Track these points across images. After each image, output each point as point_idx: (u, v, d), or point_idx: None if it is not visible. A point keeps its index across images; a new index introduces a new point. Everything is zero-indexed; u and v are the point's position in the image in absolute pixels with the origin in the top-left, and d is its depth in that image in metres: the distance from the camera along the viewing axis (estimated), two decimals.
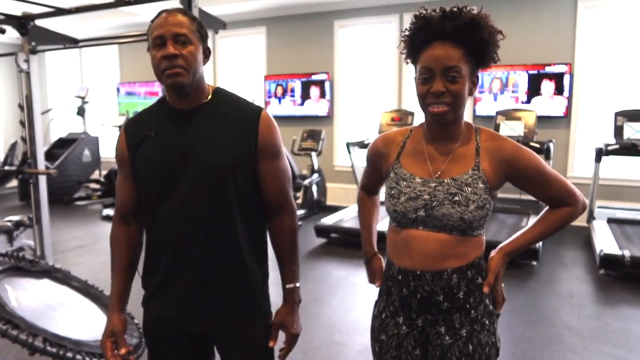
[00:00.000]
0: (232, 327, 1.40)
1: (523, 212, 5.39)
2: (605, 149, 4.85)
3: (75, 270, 2.74)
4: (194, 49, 1.29)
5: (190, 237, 1.33)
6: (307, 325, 3.23)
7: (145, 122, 1.39)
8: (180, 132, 1.34)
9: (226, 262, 1.35)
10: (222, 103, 1.38)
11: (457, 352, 1.28)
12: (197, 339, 1.43)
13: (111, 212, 6.62)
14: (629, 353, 2.81)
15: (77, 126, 8.75)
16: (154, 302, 1.43)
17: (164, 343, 1.43)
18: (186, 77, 1.28)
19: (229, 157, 1.32)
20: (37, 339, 1.71)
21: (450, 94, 1.22)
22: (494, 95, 6.18)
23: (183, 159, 1.31)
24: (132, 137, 1.39)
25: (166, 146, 1.33)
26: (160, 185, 1.34)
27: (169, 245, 1.36)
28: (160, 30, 1.28)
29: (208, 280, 1.35)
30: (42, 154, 3.78)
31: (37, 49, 3.66)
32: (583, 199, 1.34)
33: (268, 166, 1.37)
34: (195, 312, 1.38)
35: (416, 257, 1.29)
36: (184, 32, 1.28)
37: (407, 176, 1.32)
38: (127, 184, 1.43)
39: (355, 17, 6.94)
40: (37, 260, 2.39)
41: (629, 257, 3.93)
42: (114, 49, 8.95)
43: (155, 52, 1.30)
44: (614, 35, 5.72)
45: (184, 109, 1.35)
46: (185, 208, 1.32)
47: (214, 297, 1.36)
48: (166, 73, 1.28)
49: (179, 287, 1.37)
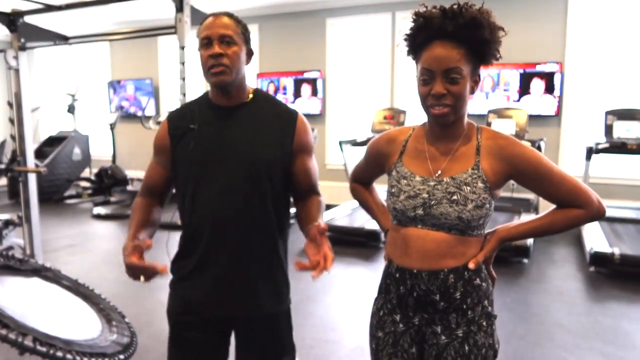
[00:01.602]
0: (259, 312, 1.48)
1: (515, 210, 5.42)
2: (596, 147, 4.89)
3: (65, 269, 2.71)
4: (238, 49, 1.41)
5: (225, 226, 1.42)
6: (300, 324, 3.23)
7: (188, 116, 1.49)
8: (222, 127, 1.45)
9: (259, 251, 1.45)
10: (262, 103, 1.50)
11: (453, 352, 1.28)
12: (220, 323, 1.52)
13: (102, 211, 6.58)
14: (618, 349, 2.84)
15: (68, 124, 8.68)
16: (185, 286, 1.51)
17: (188, 325, 1.51)
18: (229, 75, 1.39)
19: (266, 154, 1.43)
20: (27, 338, 1.69)
21: (451, 96, 1.20)
22: (486, 94, 6.21)
23: (223, 153, 1.42)
24: (175, 128, 1.49)
25: (208, 140, 1.44)
26: (200, 177, 1.43)
27: (205, 233, 1.44)
28: (207, 31, 1.39)
29: (240, 268, 1.44)
30: (31, 151, 3.74)
31: (27, 46, 3.62)
32: (599, 203, 1.26)
33: (302, 163, 1.50)
34: (226, 297, 1.46)
35: (413, 255, 1.28)
36: (229, 34, 1.39)
37: (408, 175, 1.32)
38: (159, 168, 1.54)
39: (347, 15, 6.93)
40: (26, 259, 2.36)
41: (619, 255, 3.97)
42: (105, 45, 8.88)
43: (202, 51, 1.40)
44: (604, 35, 5.75)
45: (226, 106, 1.46)
46: (222, 199, 1.42)
47: (245, 283, 1.45)
48: (211, 71, 1.38)
49: (212, 273, 1.45)
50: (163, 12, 7.17)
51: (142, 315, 3.33)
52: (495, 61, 1.28)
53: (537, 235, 1.38)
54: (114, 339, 2.03)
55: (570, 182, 1.26)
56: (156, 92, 8.50)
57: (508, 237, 1.32)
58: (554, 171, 1.26)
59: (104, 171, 7.50)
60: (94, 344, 1.91)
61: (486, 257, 1.31)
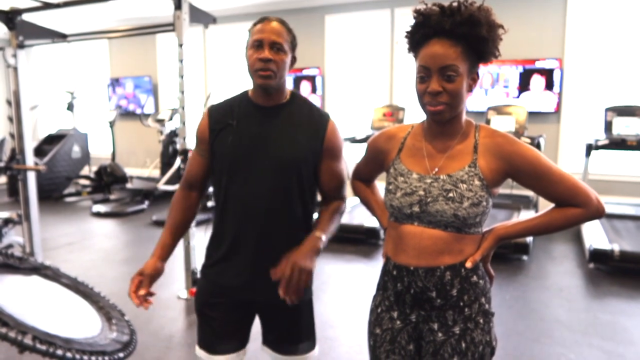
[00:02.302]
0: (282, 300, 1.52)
1: (514, 207, 5.42)
2: (595, 144, 4.89)
3: (65, 267, 2.72)
4: (285, 57, 1.50)
5: (256, 217, 1.52)
6: None
7: (228, 111, 1.58)
8: (258, 125, 1.54)
9: (285, 240, 1.53)
10: (298, 106, 1.59)
11: (450, 349, 1.28)
12: (246, 306, 1.62)
13: (101, 209, 6.58)
14: (617, 346, 2.85)
15: (67, 122, 8.67)
16: (216, 270, 1.61)
17: (215, 308, 1.61)
18: (274, 80, 1.49)
19: (297, 154, 1.52)
20: (27, 336, 1.69)
21: (447, 93, 1.21)
22: (485, 91, 6.20)
23: (257, 149, 1.52)
24: (216, 122, 1.58)
25: (244, 136, 1.54)
26: (235, 169, 1.54)
27: (234, 223, 1.55)
28: (261, 35, 1.48)
29: (266, 256, 1.52)
30: (30, 150, 3.74)
31: (25, 44, 3.61)
32: (598, 202, 1.25)
33: (329, 165, 1.60)
34: (252, 283, 1.56)
35: (410, 252, 1.29)
36: (280, 41, 1.48)
37: (405, 172, 1.32)
38: (199, 159, 1.64)
39: (346, 12, 6.92)
40: (26, 257, 2.37)
41: (618, 252, 3.97)
42: (104, 43, 8.86)
43: (252, 52, 1.49)
44: (604, 31, 5.75)
45: (265, 106, 1.55)
46: (254, 191, 1.52)
47: (269, 269, 1.49)
48: (259, 73, 1.48)
49: (240, 260, 1.56)
50: (162, 10, 7.16)
51: (142, 313, 3.33)
52: (495, 59, 1.27)
53: (535, 234, 1.37)
54: (114, 337, 2.03)
55: (569, 180, 1.25)
56: (155, 89, 8.49)
57: (505, 236, 1.31)
58: (553, 169, 1.26)
59: (103, 169, 7.49)
60: (94, 342, 1.91)
61: (483, 256, 1.30)
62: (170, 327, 3.08)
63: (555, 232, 1.31)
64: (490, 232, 1.32)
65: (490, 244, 1.30)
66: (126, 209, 6.58)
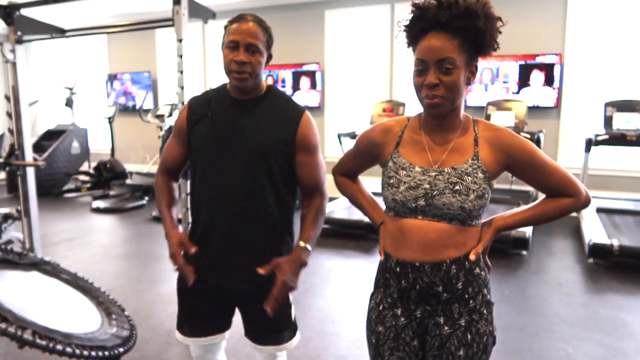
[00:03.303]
0: (254, 285, 1.59)
1: (513, 202, 5.42)
2: (595, 139, 4.89)
3: (64, 262, 2.72)
4: (261, 57, 1.54)
5: (227, 205, 1.57)
6: (299, 316, 3.22)
7: (205, 103, 1.64)
8: (234, 117, 1.59)
9: (261, 232, 1.59)
10: (273, 99, 1.63)
11: (456, 341, 1.29)
12: (222, 295, 1.67)
13: (101, 204, 6.58)
14: (617, 340, 2.85)
15: (66, 117, 8.65)
16: (195, 259, 1.61)
17: (193, 294, 1.67)
18: (250, 81, 1.54)
19: (267, 145, 1.56)
20: (26, 331, 1.70)
21: (444, 86, 1.21)
22: (485, 86, 6.19)
23: (231, 139, 1.57)
24: (193, 113, 1.64)
25: (219, 127, 1.59)
26: (208, 159, 1.59)
27: (209, 209, 1.61)
28: (236, 36, 1.50)
29: (237, 245, 1.58)
30: (29, 145, 3.73)
31: (24, 39, 3.59)
32: (586, 193, 1.33)
33: (303, 159, 1.61)
34: (226, 270, 1.62)
35: (415, 246, 1.28)
36: (256, 43, 1.51)
37: (407, 165, 1.31)
38: (177, 147, 1.70)
39: (346, 7, 6.90)
40: (25, 253, 2.37)
41: (618, 246, 3.97)
42: (103, 38, 8.84)
43: (227, 52, 1.52)
44: (604, 26, 5.73)
45: (241, 99, 1.60)
46: (227, 180, 1.57)
47: (241, 260, 1.59)
48: (234, 75, 1.52)
49: (213, 247, 1.61)
50: (161, 5, 7.14)
51: (142, 308, 3.34)
52: (493, 51, 1.27)
53: (532, 224, 1.41)
54: (114, 332, 2.04)
55: (561, 172, 1.31)
56: (154, 85, 8.48)
57: (504, 227, 1.35)
58: (547, 162, 1.30)
59: (103, 165, 7.48)
60: (94, 337, 1.92)
61: (485, 247, 1.33)
62: (170, 322, 3.09)
63: (549, 221, 1.36)
64: (490, 223, 1.35)
65: (490, 236, 1.33)
66: (126, 205, 6.58)
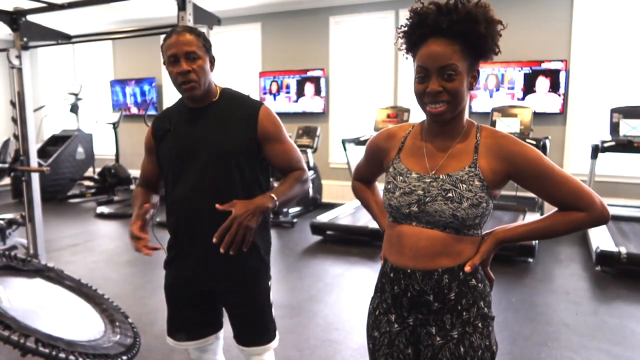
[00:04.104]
0: (235, 286, 1.68)
1: (519, 209, 5.39)
2: (601, 145, 4.85)
3: (68, 268, 2.71)
4: (202, 62, 1.59)
5: (201, 210, 1.61)
6: (303, 324, 3.22)
7: (166, 119, 1.72)
8: (193, 126, 1.65)
9: None
10: (228, 101, 1.68)
11: (448, 353, 1.25)
12: (208, 297, 1.73)
13: (105, 210, 6.60)
14: (626, 350, 2.81)
15: (71, 123, 8.68)
16: (175, 265, 1.74)
17: (180, 300, 1.75)
18: (199, 88, 1.59)
19: (232, 146, 1.61)
20: (29, 339, 1.68)
21: (447, 93, 1.19)
22: (490, 92, 6.17)
23: (195, 148, 1.62)
24: (157, 130, 1.73)
25: (182, 138, 1.65)
26: (177, 169, 1.65)
27: (184, 218, 1.66)
28: (173, 49, 1.56)
29: (215, 250, 1.55)
30: (34, 151, 3.74)
31: (29, 45, 3.61)
32: (603, 207, 1.21)
33: (272, 149, 1.67)
34: (205, 273, 1.67)
35: (407, 253, 1.26)
36: (193, 50, 1.56)
37: (404, 171, 1.30)
38: (150, 165, 1.80)
39: (350, 13, 6.90)
40: (29, 259, 2.36)
41: (625, 254, 3.93)
42: (108, 44, 8.88)
43: (171, 68, 1.58)
44: (609, 32, 5.71)
45: (197, 107, 1.66)
46: (195, 189, 1.62)
47: (219, 264, 1.63)
48: (183, 87, 1.58)
49: (193, 252, 1.66)
50: (166, 11, 7.17)
51: (146, 315, 3.32)
52: (495, 56, 1.25)
53: (536, 238, 1.34)
54: (117, 340, 2.02)
55: (572, 183, 1.22)
56: (160, 91, 8.50)
57: (505, 239, 1.28)
58: (555, 171, 1.22)
59: (108, 170, 7.50)
60: (97, 344, 1.90)
61: (483, 259, 1.27)
62: None
63: (557, 236, 1.29)
64: (490, 234, 1.30)
65: (489, 247, 1.27)
66: (130, 211, 6.55)
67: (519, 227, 1.29)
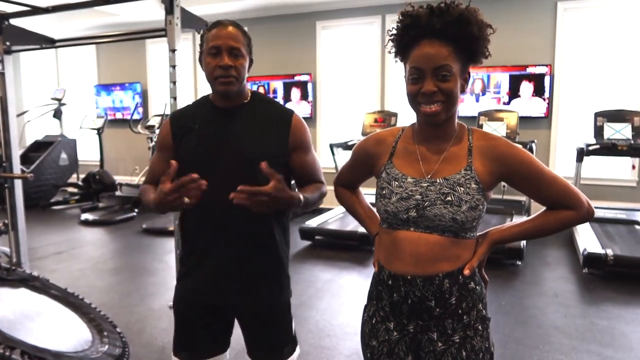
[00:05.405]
0: (256, 303, 1.58)
1: (506, 212, 5.43)
2: (586, 149, 4.91)
3: (53, 277, 2.65)
4: (244, 61, 1.51)
5: (226, 220, 1.50)
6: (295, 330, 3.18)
7: (190, 116, 1.59)
8: (221, 126, 1.54)
9: (257, 243, 1.54)
10: (259, 104, 1.59)
11: (451, 358, 1.25)
12: (222, 310, 1.62)
13: (90, 217, 6.49)
14: (616, 352, 2.83)
15: (54, 129, 8.55)
16: (190, 277, 1.60)
17: (193, 313, 1.61)
18: (236, 85, 1.50)
19: (261, 152, 1.49)
20: (15, 351, 1.63)
21: (442, 93, 1.19)
22: (476, 97, 6.22)
23: (222, 151, 1.51)
24: (178, 127, 1.58)
25: (208, 138, 1.53)
26: (201, 172, 1.44)
27: (207, 227, 1.53)
28: (217, 41, 1.47)
29: (238, 260, 1.53)
30: (17, 157, 3.66)
31: (12, 49, 3.54)
32: (589, 205, 1.27)
33: (300, 158, 1.59)
34: (224, 287, 1.56)
35: (406, 259, 1.25)
36: (238, 47, 1.48)
37: (399, 176, 1.29)
38: (163, 163, 1.57)
39: (337, 18, 6.92)
40: (13, 268, 2.30)
41: (612, 256, 3.97)
42: (92, 49, 8.78)
43: (210, 59, 1.48)
44: (593, 37, 5.80)
45: (226, 107, 1.55)
46: (222, 194, 1.41)
47: (241, 275, 1.55)
48: (220, 80, 1.48)
49: (211, 265, 1.55)
50: (151, 15, 7.11)
51: (133, 323, 3.26)
52: (485, 59, 1.26)
53: (529, 238, 1.36)
54: (106, 350, 1.97)
55: (561, 183, 1.26)
56: (145, 96, 8.42)
57: (500, 240, 1.31)
58: (545, 172, 1.26)
59: (92, 176, 7.39)
60: (85, 355, 1.85)
61: (480, 261, 1.29)
62: (162, 338, 3.01)
63: (548, 234, 1.31)
64: (485, 236, 1.31)
65: (485, 249, 1.29)
66: (115, 217, 6.48)
67: (512, 228, 1.32)
